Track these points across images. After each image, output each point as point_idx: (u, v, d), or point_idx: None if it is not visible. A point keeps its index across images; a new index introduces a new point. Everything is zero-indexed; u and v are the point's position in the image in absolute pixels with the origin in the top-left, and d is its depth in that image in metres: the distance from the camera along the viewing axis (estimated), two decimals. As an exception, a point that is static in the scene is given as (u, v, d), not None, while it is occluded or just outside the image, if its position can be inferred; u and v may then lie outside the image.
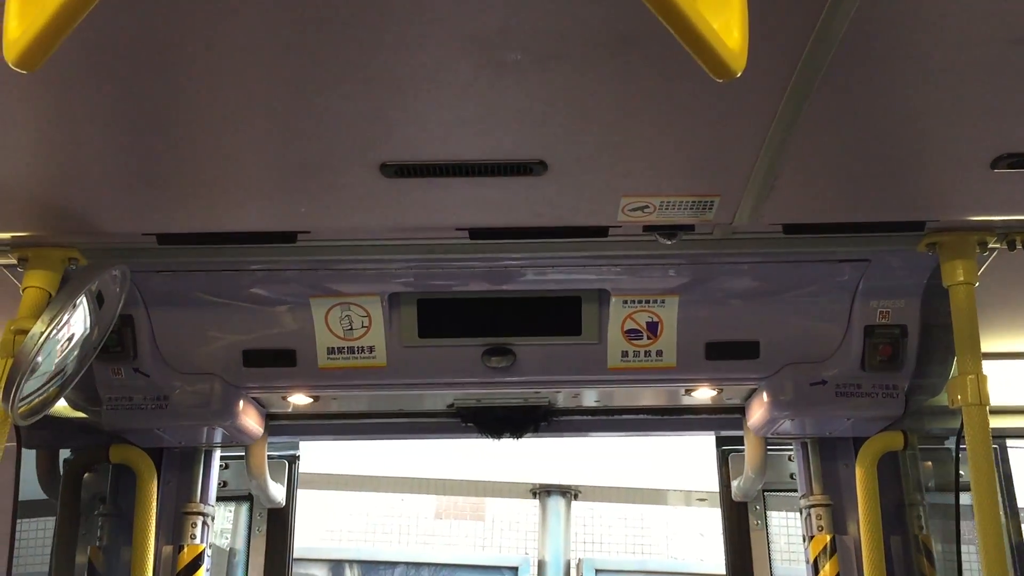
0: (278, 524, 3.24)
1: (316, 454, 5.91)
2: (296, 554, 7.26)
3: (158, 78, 1.52)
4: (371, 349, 2.54)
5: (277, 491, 3.18)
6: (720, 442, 3.19)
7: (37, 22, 0.68)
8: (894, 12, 1.39)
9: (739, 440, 3.09)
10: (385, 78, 1.52)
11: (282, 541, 3.24)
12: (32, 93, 1.55)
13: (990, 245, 2.14)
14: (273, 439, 3.15)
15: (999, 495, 2.06)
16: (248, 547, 3.17)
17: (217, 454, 3.08)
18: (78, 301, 2.00)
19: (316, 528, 8.96)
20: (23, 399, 1.92)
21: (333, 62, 1.48)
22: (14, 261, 2.11)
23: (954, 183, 1.92)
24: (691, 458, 5.87)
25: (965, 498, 2.34)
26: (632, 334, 2.53)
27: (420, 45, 1.44)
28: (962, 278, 2.12)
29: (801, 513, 3.00)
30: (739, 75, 0.77)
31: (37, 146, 1.74)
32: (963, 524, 2.53)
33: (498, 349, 2.55)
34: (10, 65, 0.72)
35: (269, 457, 3.13)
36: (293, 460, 3.29)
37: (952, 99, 1.61)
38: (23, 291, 2.07)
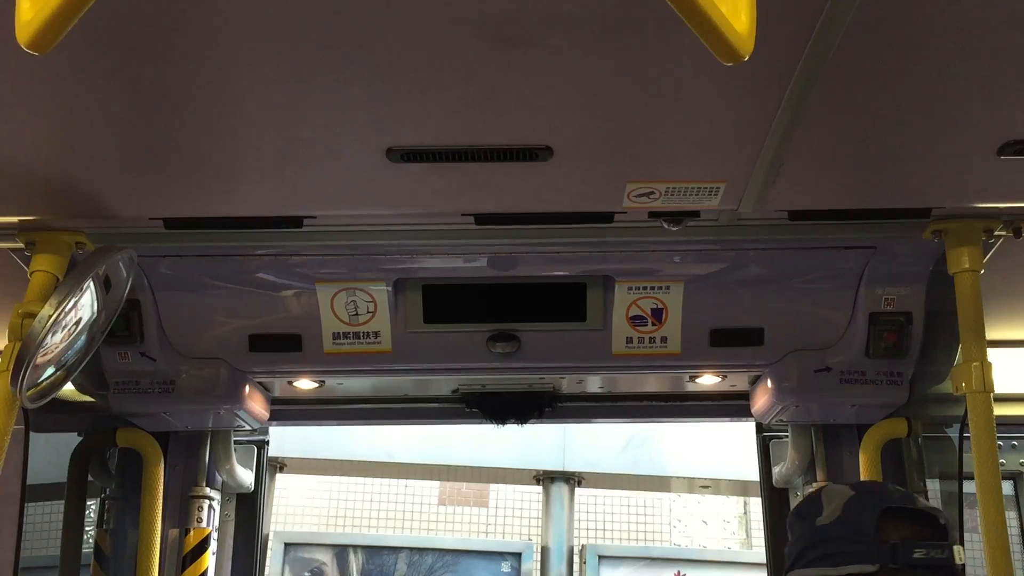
0: (246, 510, 3.21)
1: (318, 439, 5.92)
2: (299, 539, 7.29)
3: (166, 62, 1.52)
4: (376, 334, 2.55)
5: (245, 476, 3.16)
6: (760, 428, 3.14)
7: (49, 4, 0.69)
8: (901, -2, 1.39)
9: (780, 426, 3.05)
10: (392, 62, 1.52)
11: (252, 527, 3.21)
12: (40, 76, 1.55)
13: (996, 232, 2.14)
14: (277, 424, 3.15)
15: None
16: (217, 533, 3.12)
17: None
18: (85, 285, 2.01)
19: (319, 514, 8.99)
20: (31, 382, 1.93)
21: (340, 47, 1.48)
22: (22, 245, 2.11)
23: (960, 170, 1.91)
24: (696, 444, 5.88)
25: (969, 486, 2.35)
26: (637, 320, 2.53)
27: (427, 29, 1.44)
28: (968, 265, 2.12)
29: (805, 499, 3.01)
30: (746, 59, 0.77)
31: (45, 130, 1.74)
32: (966, 512, 2.54)
33: (503, 335, 2.56)
34: (22, 47, 0.72)
35: (237, 442, 3.12)
36: (262, 445, 3.23)
37: (959, 86, 1.61)
38: (31, 275, 2.08)
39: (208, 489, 3.01)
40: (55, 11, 0.68)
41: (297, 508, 8.70)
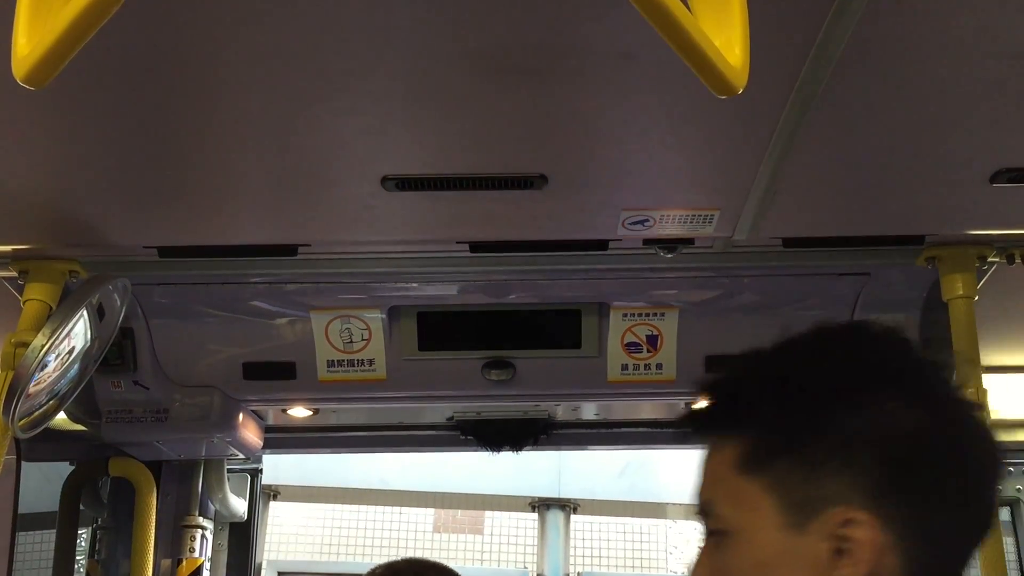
0: (240, 539, 3.19)
1: (311, 467, 5.88)
2: (293, 568, 7.21)
3: (160, 91, 1.53)
4: (371, 362, 2.54)
5: (238, 505, 3.14)
6: None
7: (46, 40, 0.69)
8: (893, 27, 1.40)
9: None
10: (387, 92, 1.53)
11: (244, 556, 3.18)
12: (34, 106, 1.55)
13: (989, 259, 2.14)
14: (271, 452, 3.14)
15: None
16: (210, 563, 3.10)
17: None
18: (79, 314, 2.00)
19: (313, 542, 8.93)
20: (24, 412, 1.92)
21: (335, 76, 1.49)
22: (15, 274, 2.10)
23: (953, 197, 1.92)
24: (692, 471, 5.85)
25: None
26: (632, 347, 2.53)
27: (422, 59, 1.45)
28: (961, 292, 2.12)
29: (801, 527, 2.99)
30: (740, 92, 0.78)
31: (39, 159, 1.74)
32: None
33: (498, 362, 2.55)
34: (19, 82, 0.72)
35: (230, 470, 3.10)
36: (256, 473, 3.23)
37: (951, 114, 1.62)
38: (24, 304, 2.07)
39: (201, 518, 2.99)
40: (51, 47, 0.68)
41: (291, 536, 8.64)
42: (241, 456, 2.94)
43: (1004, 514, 3.37)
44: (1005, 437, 3.03)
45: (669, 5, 0.70)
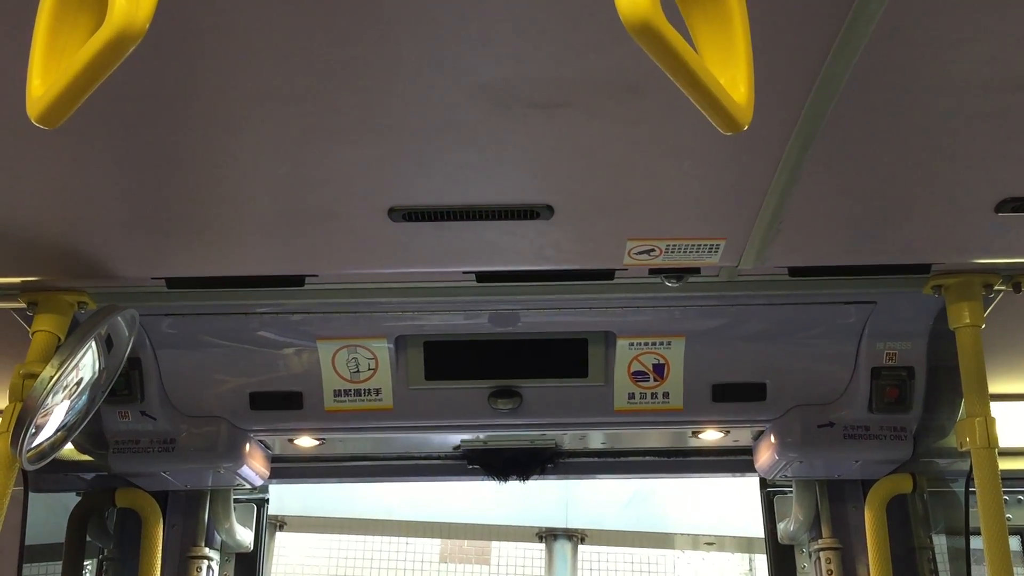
0: (246, 569, 3.18)
1: (319, 496, 5.87)
2: (299, 598, 7.13)
3: (169, 124, 1.54)
4: (378, 391, 2.54)
5: (244, 535, 3.13)
6: (764, 484, 3.11)
7: (60, 81, 0.70)
8: (896, 59, 1.41)
9: (784, 482, 3.03)
10: (394, 125, 1.54)
11: None
12: (43, 140, 1.57)
13: (996, 287, 2.15)
14: (278, 482, 3.13)
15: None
16: None
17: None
18: (87, 345, 2.01)
19: (319, 572, 8.88)
20: (31, 444, 1.92)
21: (343, 109, 1.50)
22: (23, 305, 2.11)
23: (959, 227, 1.93)
24: (700, 500, 5.82)
25: (976, 541, 2.33)
26: (639, 376, 2.53)
27: (429, 93, 1.46)
28: (968, 320, 2.12)
29: (811, 557, 2.98)
30: (745, 128, 0.79)
31: (48, 192, 1.75)
32: (974, 568, 2.51)
33: (505, 391, 2.55)
34: (33, 122, 0.73)
35: (236, 500, 3.10)
36: (262, 503, 3.23)
37: (955, 144, 1.63)
38: (32, 335, 2.08)
39: (207, 549, 2.98)
40: (65, 88, 0.70)
41: (297, 567, 8.59)
42: (247, 486, 2.93)
43: (1015, 543, 3.34)
44: (1013, 466, 3.01)
45: (675, 45, 0.71)
